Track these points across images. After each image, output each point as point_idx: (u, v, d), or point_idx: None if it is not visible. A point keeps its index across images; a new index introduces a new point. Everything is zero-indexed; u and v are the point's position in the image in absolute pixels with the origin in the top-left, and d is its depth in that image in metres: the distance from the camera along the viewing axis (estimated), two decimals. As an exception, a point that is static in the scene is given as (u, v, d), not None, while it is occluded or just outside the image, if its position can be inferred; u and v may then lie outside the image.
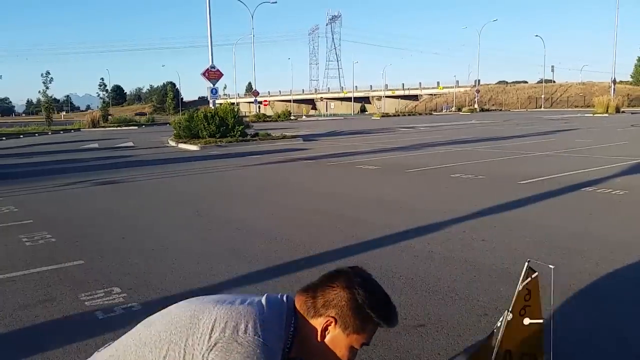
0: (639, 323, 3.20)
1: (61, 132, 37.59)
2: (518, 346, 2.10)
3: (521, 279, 2.08)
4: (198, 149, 18.55)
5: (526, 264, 2.11)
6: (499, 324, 2.09)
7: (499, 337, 2.06)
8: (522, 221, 5.93)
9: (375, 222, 6.08)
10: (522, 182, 8.73)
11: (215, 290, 3.93)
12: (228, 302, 1.49)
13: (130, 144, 22.58)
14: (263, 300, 1.53)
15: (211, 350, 1.34)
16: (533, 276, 2.08)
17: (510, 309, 2.06)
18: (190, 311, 1.49)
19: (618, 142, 16.27)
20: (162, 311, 1.57)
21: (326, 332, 1.50)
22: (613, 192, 7.58)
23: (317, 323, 1.50)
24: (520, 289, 2.06)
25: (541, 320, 2.08)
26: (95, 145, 22.56)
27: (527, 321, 2.08)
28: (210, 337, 1.37)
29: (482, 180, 9.14)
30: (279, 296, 1.57)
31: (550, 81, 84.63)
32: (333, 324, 1.48)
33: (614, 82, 49.44)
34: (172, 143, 21.21)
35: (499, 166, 11.13)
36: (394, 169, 11.07)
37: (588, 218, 6.07)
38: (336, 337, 1.49)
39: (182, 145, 19.92)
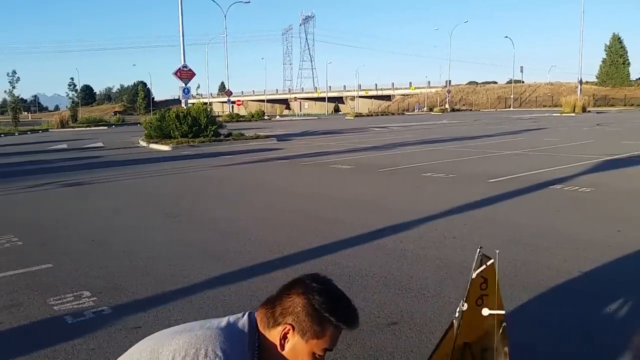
0: (601, 316, 3.30)
1: (29, 132, 36.62)
2: (477, 339, 1.97)
3: (474, 266, 1.96)
4: (170, 149, 18.32)
5: (478, 250, 2.01)
6: (456, 314, 1.98)
7: (456, 328, 1.96)
8: (491, 219, 6.04)
9: (348, 222, 6.11)
10: (491, 180, 8.89)
11: (187, 292, 3.89)
12: (187, 331, 1.48)
13: (100, 144, 22.17)
14: (223, 322, 1.52)
15: None
16: (488, 263, 1.96)
17: (464, 299, 1.94)
18: (150, 347, 1.48)
19: (584, 141, 16.70)
20: (125, 353, 1.56)
21: (285, 341, 1.48)
22: (580, 190, 7.78)
23: (276, 332, 1.49)
24: (474, 277, 1.94)
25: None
26: (64, 145, 22.07)
27: (485, 312, 1.95)
28: None
29: (453, 179, 9.27)
30: (240, 315, 1.57)
31: (519, 81, 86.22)
32: (291, 331, 1.47)
33: (581, 82, 50.70)
34: (143, 143, 20.90)
35: (469, 165, 11.31)
36: (367, 169, 11.14)
37: (556, 215, 6.22)
38: (296, 345, 1.48)
39: (153, 146, 19.65)
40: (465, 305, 1.93)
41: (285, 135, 24.74)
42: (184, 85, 22.66)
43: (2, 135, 33.78)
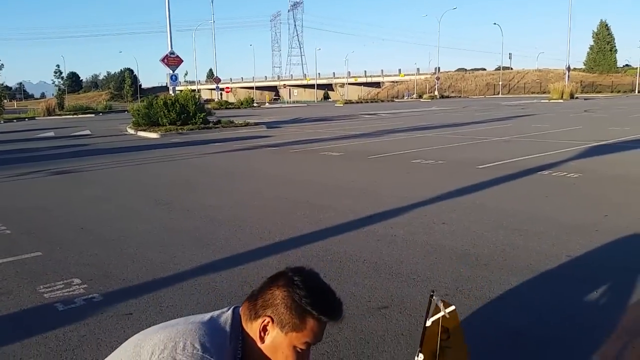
0: (588, 299, 3.36)
1: (15, 120, 36.12)
2: None
3: (430, 313, 1.73)
4: (158, 136, 18.19)
5: (431, 294, 1.76)
6: None
7: None
8: (480, 204, 6.08)
9: (339, 208, 6.13)
10: (480, 166, 8.95)
11: (178, 279, 3.90)
12: (171, 326, 1.50)
13: (88, 132, 21.95)
14: (207, 317, 1.53)
15: None
16: (448, 310, 1.68)
17: (420, 348, 1.70)
18: (135, 341, 1.50)
19: (572, 127, 16.83)
20: (115, 350, 1.57)
21: (265, 334, 1.49)
22: (568, 175, 7.86)
23: (257, 325, 1.49)
24: (429, 325, 1.71)
25: None
26: (51, 133, 21.82)
27: None
28: None
29: (442, 166, 9.31)
30: (225, 309, 1.58)
31: (507, 68, 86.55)
32: (270, 323, 1.47)
33: (568, 69, 51.00)
34: (131, 131, 20.73)
35: (458, 151, 11.36)
36: (357, 156, 11.15)
37: (544, 201, 6.28)
38: (276, 338, 1.48)
39: (141, 133, 19.49)
40: (421, 355, 1.70)
41: (274, 122, 24.66)
42: (171, 72, 22.42)
43: (-13, 123, 33.30)
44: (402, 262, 4.12)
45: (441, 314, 1.67)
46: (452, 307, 1.68)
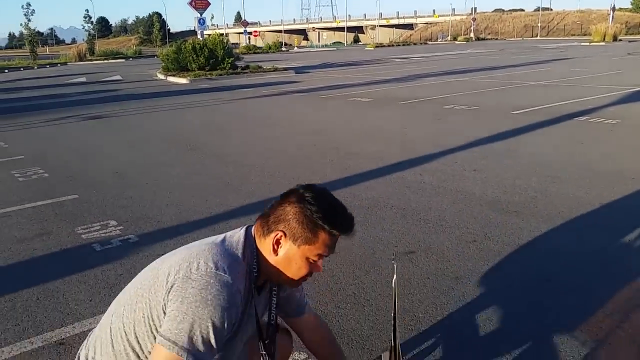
0: (619, 246, 3.31)
1: (47, 66, 36.62)
2: None
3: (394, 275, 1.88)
4: (188, 82, 18.21)
5: (394, 258, 1.87)
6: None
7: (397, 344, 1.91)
8: (513, 151, 5.96)
9: (368, 154, 6.10)
10: (515, 112, 8.71)
11: (211, 222, 3.99)
12: (186, 248, 1.56)
13: (119, 77, 22.12)
14: (220, 238, 1.58)
15: (169, 292, 1.41)
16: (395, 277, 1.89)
17: (394, 314, 1.87)
18: (153, 265, 1.57)
19: (613, 71, 16.10)
20: (136, 276, 1.64)
21: (278, 246, 1.54)
22: (605, 122, 7.59)
23: (270, 239, 1.54)
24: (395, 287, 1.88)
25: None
26: (83, 79, 22.08)
27: None
28: (167, 282, 1.44)
29: (475, 111, 9.10)
30: (238, 229, 1.62)
31: (547, 9, 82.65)
32: (283, 237, 1.52)
33: (613, 9, 48.20)
34: (161, 76, 20.79)
35: (492, 96, 11.05)
36: (387, 101, 10.97)
37: (579, 147, 6.11)
38: (289, 250, 1.53)
39: (171, 79, 19.53)
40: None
41: (303, 67, 24.33)
42: (199, 15, 22.18)
43: (22, 68, 33.86)
44: (430, 209, 4.11)
45: (394, 277, 1.83)
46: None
